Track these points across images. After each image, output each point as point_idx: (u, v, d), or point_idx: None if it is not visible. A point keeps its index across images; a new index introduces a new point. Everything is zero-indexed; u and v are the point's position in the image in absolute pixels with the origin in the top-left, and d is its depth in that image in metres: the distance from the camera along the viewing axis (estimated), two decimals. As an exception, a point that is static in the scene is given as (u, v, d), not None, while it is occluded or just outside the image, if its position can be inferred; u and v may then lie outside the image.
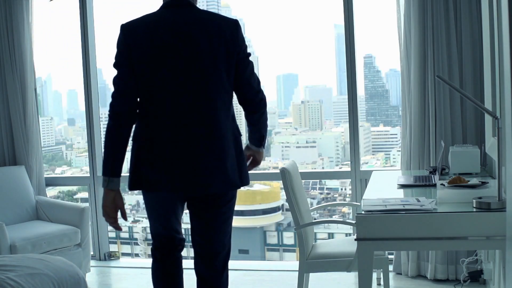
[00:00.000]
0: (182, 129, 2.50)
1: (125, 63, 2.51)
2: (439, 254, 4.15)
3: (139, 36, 2.49)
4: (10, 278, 2.53)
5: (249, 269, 4.67)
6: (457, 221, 2.60)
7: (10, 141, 5.01)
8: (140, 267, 5.00)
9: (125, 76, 2.51)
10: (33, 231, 4.39)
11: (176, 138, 2.51)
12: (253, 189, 7.26)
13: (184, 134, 2.50)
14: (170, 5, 2.52)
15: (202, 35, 2.48)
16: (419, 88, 4.17)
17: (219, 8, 7.33)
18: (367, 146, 6.84)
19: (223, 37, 2.50)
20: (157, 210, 2.70)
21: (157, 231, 2.74)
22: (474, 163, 3.47)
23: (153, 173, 2.54)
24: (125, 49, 2.51)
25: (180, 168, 2.51)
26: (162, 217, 2.70)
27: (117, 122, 2.52)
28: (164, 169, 2.52)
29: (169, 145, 2.51)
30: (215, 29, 2.50)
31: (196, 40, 2.48)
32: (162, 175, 2.53)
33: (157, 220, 2.73)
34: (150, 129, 2.53)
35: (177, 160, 2.51)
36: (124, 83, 2.51)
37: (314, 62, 7.16)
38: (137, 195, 7.65)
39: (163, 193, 2.62)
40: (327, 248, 3.52)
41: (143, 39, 2.48)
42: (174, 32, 2.47)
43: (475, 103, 2.89)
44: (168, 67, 2.48)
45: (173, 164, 2.51)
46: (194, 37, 2.48)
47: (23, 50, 4.92)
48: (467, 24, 4.06)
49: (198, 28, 2.48)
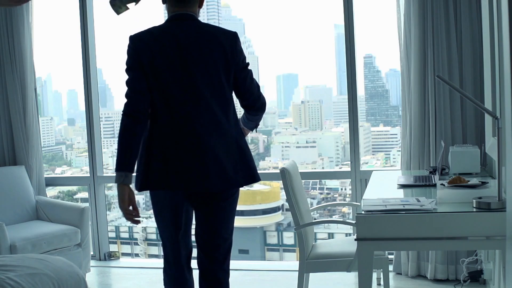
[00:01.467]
0: (183, 132, 2.65)
1: (136, 66, 2.65)
2: (439, 254, 4.15)
3: (145, 45, 2.65)
4: (10, 278, 2.53)
5: (249, 269, 4.66)
6: (457, 221, 2.60)
7: (10, 141, 5.01)
8: (140, 267, 5.00)
9: (137, 78, 2.65)
10: (33, 231, 4.39)
11: (177, 140, 2.65)
12: (253, 189, 7.26)
13: (185, 136, 2.65)
14: (174, 19, 2.70)
15: (203, 46, 2.66)
16: (419, 88, 4.17)
17: (219, 8, 7.33)
18: (367, 146, 6.84)
19: (223, 48, 2.67)
20: (163, 213, 2.80)
21: (164, 239, 2.86)
22: (474, 163, 3.47)
23: (157, 173, 2.66)
24: (134, 54, 2.66)
25: (180, 168, 2.64)
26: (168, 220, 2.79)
27: (132, 120, 2.63)
28: (166, 169, 2.65)
29: (170, 147, 2.65)
30: (215, 41, 2.68)
31: (197, 50, 2.65)
32: (164, 174, 2.65)
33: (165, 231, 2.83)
34: (155, 131, 2.67)
35: (178, 160, 2.64)
36: (137, 83, 2.65)
37: (314, 62, 7.17)
38: (137, 195, 7.65)
39: (167, 193, 2.73)
40: (327, 248, 3.53)
41: (150, 47, 2.65)
42: (177, 43, 2.64)
43: (475, 103, 2.89)
44: (171, 75, 2.64)
45: (174, 164, 2.64)
46: (196, 48, 2.65)
47: (23, 50, 4.91)
48: (467, 24, 4.06)
49: (199, 40, 2.66)
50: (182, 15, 2.70)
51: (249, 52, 7.38)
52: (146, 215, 7.68)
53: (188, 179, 2.64)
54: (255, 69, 7.41)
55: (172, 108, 2.64)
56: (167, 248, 2.84)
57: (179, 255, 2.83)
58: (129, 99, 2.65)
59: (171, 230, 2.79)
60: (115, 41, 6.88)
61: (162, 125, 2.66)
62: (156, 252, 7.71)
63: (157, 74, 2.63)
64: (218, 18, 7.35)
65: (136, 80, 2.65)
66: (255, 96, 2.78)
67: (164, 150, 2.65)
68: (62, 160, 7.50)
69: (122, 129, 2.64)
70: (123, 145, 2.64)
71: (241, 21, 7.49)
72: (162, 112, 2.66)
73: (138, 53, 2.64)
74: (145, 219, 7.70)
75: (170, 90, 2.64)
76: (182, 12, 2.70)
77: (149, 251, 7.72)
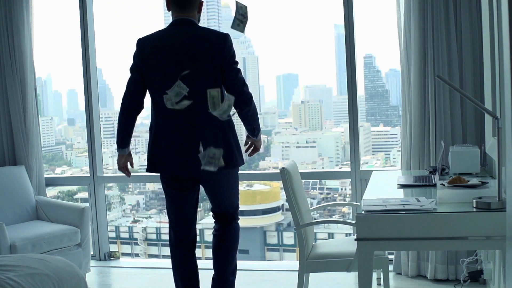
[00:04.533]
0: (174, 122, 3.21)
1: (136, 69, 3.27)
2: (439, 254, 4.15)
3: (148, 48, 3.22)
4: (10, 278, 2.53)
5: (249, 269, 4.66)
6: (457, 221, 2.60)
7: (10, 141, 5.01)
8: (140, 267, 5.00)
9: (134, 80, 3.29)
10: (33, 231, 4.39)
11: (169, 129, 3.23)
12: (253, 189, 7.26)
13: (175, 126, 3.21)
14: (175, 24, 3.25)
15: (197, 46, 3.17)
16: (419, 88, 4.17)
17: (219, 8, 7.33)
18: (367, 146, 6.84)
19: (213, 47, 3.16)
20: (169, 193, 3.41)
21: (170, 218, 3.48)
22: (474, 163, 3.47)
23: (156, 158, 3.31)
24: (137, 59, 3.27)
25: (172, 153, 3.25)
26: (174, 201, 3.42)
27: (124, 114, 3.36)
28: (161, 154, 3.29)
29: (165, 135, 3.25)
30: (207, 41, 3.18)
31: (192, 50, 3.17)
32: (161, 159, 3.30)
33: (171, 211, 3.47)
34: (155, 122, 3.29)
35: (170, 147, 3.24)
36: (132, 85, 3.31)
37: (314, 62, 7.16)
38: (137, 195, 7.66)
39: (167, 174, 3.36)
40: (327, 248, 3.53)
41: (152, 50, 3.21)
42: (176, 44, 3.18)
43: (475, 103, 2.89)
44: (169, 72, 3.14)
45: (167, 150, 3.26)
46: (191, 47, 3.17)
47: (23, 50, 4.92)
48: (467, 24, 4.06)
49: (194, 41, 3.19)
50: (183, 20, 3.22)
51: (249, 52, 7.38)
52: (146, 215, 7.69)
53: (178, 164, 3.26)
54: (255, 69, 7.43)
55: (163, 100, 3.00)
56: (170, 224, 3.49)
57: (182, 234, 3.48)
58: (124, 98, 3.33)
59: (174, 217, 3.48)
60: (115, 41, 6.89)
61: (158, 117, 3.25)
62: (156, 252, 7.72)
63: (155, 73, 3.20)
64: (218, 18, 7.35)
65: (132, 82, 3.29)
66: (240, 90, 3.18)
67: (158, 139, 3.27)
68: (62, 160, 7.50)
69: (118, 119, 3.38)
70: (118, 131, 3.42)
71: (241, 21, 7.46)
72: (157, 105, 3.22)
73: (140, 58, 3.23)
74: (145, 219, 7.71)
75: (164, 85, 2.79)
76: (182, 17, 3.22)
77: (149, 251, 7.72)
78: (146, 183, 7.22)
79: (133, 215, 7.69)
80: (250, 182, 6.82)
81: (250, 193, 7.25)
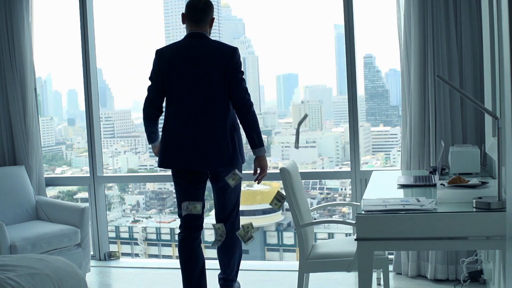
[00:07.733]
0: (187, 125, 3.50)
1: (155, 77, 3.56)
2: (439, 254, 4.15)
3: (166, 59, 3.53)
4: (10, 278, 2.53)
5: (249, 269, 4.66)
6: (457, 221, 2.60)
7: (10, 141, 5.01)
8: (140, 267, 5.00)
9: (153, 87, 3.58)
10: (33, 231, 4.39)
11: (183, 131, 3.50)
12: (253, 189, 7.26)
13: (188, 128, 3.50)
14: (190, 37, 3.57)
15: (209, 58, 3.50)
16: (419, 88, 4.18)
17: (219, 8, 7.33)
18: (367, 146, 6.85)
19: (223, 59, 3.48)
20: (179, 187, 3.64)
21: (181, 212, 3.65)
22: (474, 163, 3.47)
23: (169, 155, 3.56)
24: (157, 67, 3.55)
25: (184, 151, 3.51)
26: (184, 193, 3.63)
27: (145, 118, 3.69)
28: (174, 152, 3.54)
29: (177, 136, 3.52)
30: (217, 53, 3.51)
31: (204, 61, 3.50)
32: (173, 156, 3.55)
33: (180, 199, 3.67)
34: (169, 124, 3.56)
35: (182, 146, 3.50)
36: (152, 92, 3.59)
37: (314, 62, 7.17)
38: (137, 195, 7.66)
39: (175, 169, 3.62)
40: (327, 248, 3.53)
41: (169, 60, 3.52)
42: (190, 56, 3.51)
43: (475, 103, 2.89)
44: (184, 80, 3.50)
45: (179, 148, 3.51)
46: (203, 59, 3.50)
47: (23, 50, 4.92)
48: (467, 24, 4.06)
49: (206, 53, 3.51)
50: (196, 33, 3.55)
51: (249, 52, 7.37)
52: (146, 215, 7.69)
53: (189, 161, 3.53)
54: (255, 69, 7.42)
55: (179, 105, 3.50)
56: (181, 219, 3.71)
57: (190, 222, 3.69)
58: (144, 103, 3.65)
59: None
60: (115, 41, 6.89)
61: (170, 118, 3.54)
62: (156, 252, 7.72)
63: (171, 78, 3.51)
64: (218, 18, 7.34)
65: (151, 89, 3.58)
66: (241, 96, 3.50)
67: (170, 137, 3.53)
68: (62, 160, 7.50)
69: (143, 122, 3.72)
70: (145, 131, 3.77)
71: (241, 21, 7.48)
72: (173, 109, 3.54)
73: (159, 66, 3.53)
74: (145, 219, 7.71)
75: (180, 92, 3.48)
76: (196, 31, 3.54)
77: (149, 251, 7.73)
78: (146, 183, 7.23)
79: (133, 215, 7.69)
80: (250, 182, 6.82)
81: (250, 193, 7.25)
